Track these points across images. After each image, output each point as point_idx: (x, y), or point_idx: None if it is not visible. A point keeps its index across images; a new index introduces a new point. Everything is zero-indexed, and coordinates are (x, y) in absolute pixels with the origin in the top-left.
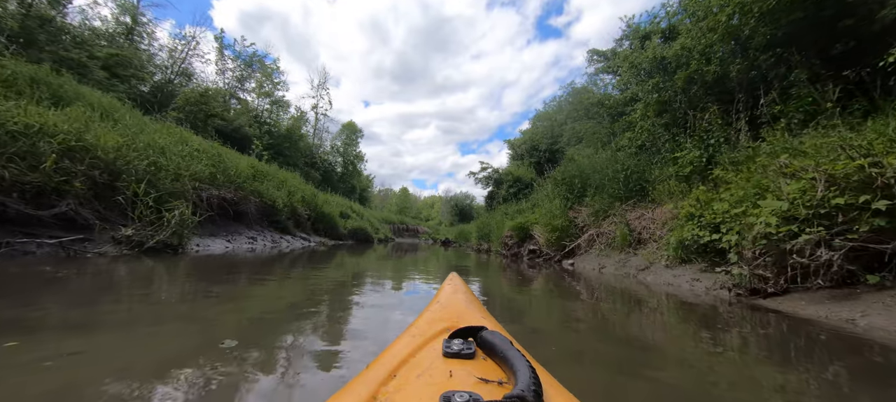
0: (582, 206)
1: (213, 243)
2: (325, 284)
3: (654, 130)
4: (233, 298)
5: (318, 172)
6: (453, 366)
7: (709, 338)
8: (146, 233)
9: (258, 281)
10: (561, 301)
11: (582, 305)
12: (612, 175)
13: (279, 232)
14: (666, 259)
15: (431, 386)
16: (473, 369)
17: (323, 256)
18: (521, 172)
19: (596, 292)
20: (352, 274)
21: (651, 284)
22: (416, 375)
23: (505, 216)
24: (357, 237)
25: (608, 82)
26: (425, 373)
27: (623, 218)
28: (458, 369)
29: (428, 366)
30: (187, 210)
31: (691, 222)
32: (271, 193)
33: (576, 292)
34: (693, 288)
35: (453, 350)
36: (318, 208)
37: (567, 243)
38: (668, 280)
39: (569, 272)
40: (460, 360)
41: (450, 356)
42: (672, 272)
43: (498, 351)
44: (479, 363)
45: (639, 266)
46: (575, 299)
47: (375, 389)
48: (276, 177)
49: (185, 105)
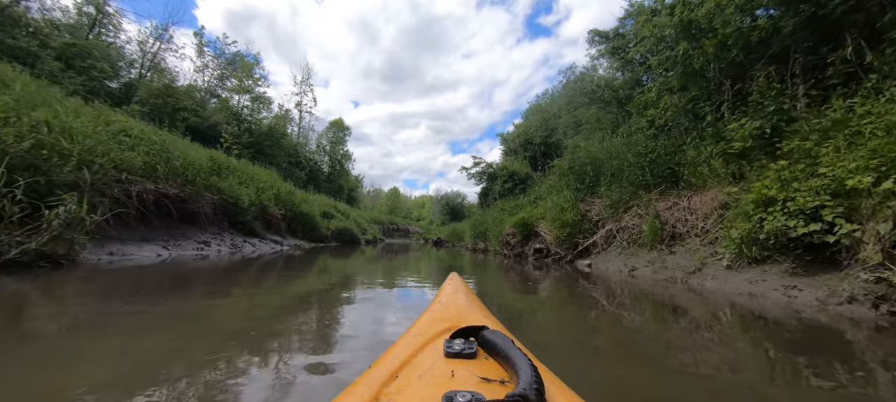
0: (595, 197)
1: (141, 251)
2: (279, 300)
3: (681, 106)
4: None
5: (304, 172)
6: (455, 366)
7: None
8: (10, 239)
9: (180, 302)
10: (590, 318)
11: (624, 325)
12: (633, 160)
13: (244, 235)
14: (727, 258)
15: (433, 386)
16: (475, 368)
17: (295, 261)
18: (516, 167)
19: (635, 304)
20: (324, 285)
21: (710, 292)
22: (418, 375)
23: (502, 213)
24: (342, 239)
25: (610, 66)
26: (427, 373)
27: (650, 209)
28: (460, 369)
29: (430, 366)
30: (81, 207)
31: (772, 209)
32: (234, 189)
33: (604, 305)
34: (791, 300)
35: (455, 350)
36: (296, 207)
37: (580, 240)
38: (740, 288)
39: (585, 275)
40: (462, 360)
41: (451, 356)
42: (743, 277)
43: (499, 350)
44: (481, 363)
45: (685, 268)
46: (610, 317)
47: (378, 389)
48: (245, 172)
49: (149, 98)
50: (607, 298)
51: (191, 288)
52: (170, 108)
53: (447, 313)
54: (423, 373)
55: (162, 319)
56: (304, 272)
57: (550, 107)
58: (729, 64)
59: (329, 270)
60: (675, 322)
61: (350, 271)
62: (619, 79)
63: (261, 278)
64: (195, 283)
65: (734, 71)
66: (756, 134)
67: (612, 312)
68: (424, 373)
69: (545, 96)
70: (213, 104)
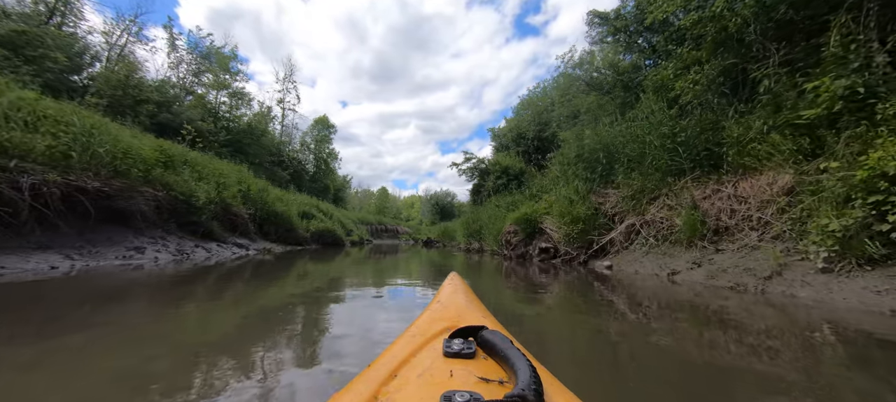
0: (609, 188)
1: (27, 263)
2: (217, 328)
3: (712, 77)
4: None
5: (288, 171)
6: (454, 366)
7: None
8: None
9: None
10: (639, 348)
11: (705, 373)
12: (658, 143)
13: (198, 238)
14: (821, 259)
15: (432, 386)
16: (474, 368)
17: (260, 269)
18: (509, 162)
19: (700, 326)
20: (284, 300)
21: (807, 306)
22: (417, 375)
23: (498, 209)
24: (323, 240)
25: (613, 49)
26: (426, 373)
27: (684, 199)
28: (459, 368)
29: (428, 366)
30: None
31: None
32: (188, 185)
33: (650, 325)
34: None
35: (454, 350)
36: (268, 206)
37: (595, 237)
38: (861, 300)
39: (604, 279)
40: (461, 360)
41: (450, 355)
42: (858, 284)
43: (498, 350)
44: (480, 363)
45: (754, 271)
46: (671, 352)
47: (376, 389)
48: (207, 166)
49: (107, 90)
50: (646, 313)
51: (82, 312)
52: (131, 100)
53: (446, 313)
54: (422, 372)
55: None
56: (265, 283)
57: (543, 100)
58: (775, 23)
59: (299, 278)
60: (788, 360)
61: (322, 282)
62: (625, 61)
63: (194, 293)
64: (100, 302)
65: (780, 32)
66: (846, 94)
67: (667, 342)
68: (423, 372)
69: (537, 90)
70: (189, 101)
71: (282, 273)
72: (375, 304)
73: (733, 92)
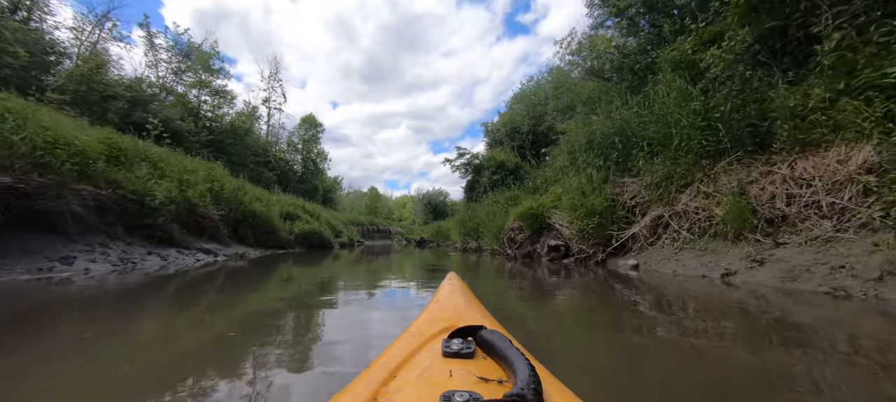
0: (626, 177)
1: None
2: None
3: (749, 44)
4: None
5: (274, 172)
6: (453, 366)
7: None
8: None
9: None
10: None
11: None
12: (688, 121)
13: (154, 244)
14: None
15: (431, 386)
16: (473, 368)
17: (222, 279)
18: (504, 157)
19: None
20: (210, 338)
21: None
22: (416, 375)
23: (496, 205)
24: (309, 243)
25: (618, 31)
26: (425, 373)
27: (726, 184)
28: (458, 368)
29: (427, 366)
30: None
31: None
32: (141, 183)
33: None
34: None
35: (453, 350)
36: (244, 206)
37: (614, 232)
38: None
39: (628, 281)
40: (460, 359)
41: (449, 355)
42: None
43: (497, 350)
44: (479, 363)
45: (857, 271)
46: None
47: (376, 389)
48: (171, 163)
49: (70, 85)
50: (715, 331)
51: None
52: (97, 95)
53: (445, 313)
54: (421, 373)
55: None
56: (225, 298)
57: (537, 94)
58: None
59: (270, 288)
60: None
61: (296, 293)
62: (630, 43)
63: (122, 315)
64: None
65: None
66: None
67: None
68: (422, 373)
69: (530, 84)
70: (168, 101)
71: (251, 283)
72: (362, 324)
73: (774, 59)
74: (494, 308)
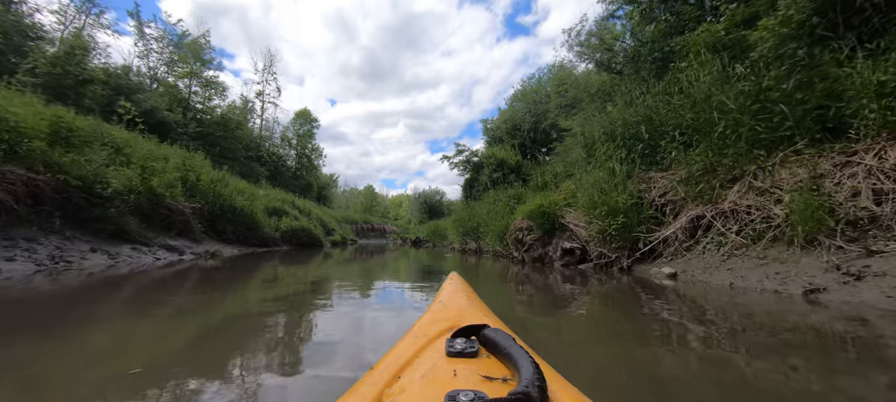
0: (653, 170)
1: None
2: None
3: (802, 20)
4: None
5: (267, 167)
6: (457, 365)
7: None
8: None
9: None
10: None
11: None
12: (736, 106)
13: (104, 240)
14: None
15: (436, 386)
16: (477, 367)
17: (177, 284)
18: (505, 155)
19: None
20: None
21: None
22: (421, 375)
23: (497, 204)
24: (297, 241)
25: (632, 20)
26: (429, 373)
27: (784, 178)
28: (462, 367)
29: (431, 366)
30: None
31: None
32: (90, 168)
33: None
34: None
35: (456, 349)
36: (224, 199)
37: (641, 234)
38: None
39: (666, 294)
40: (464, 359)
41: (453, 355)
42: None
43: (501, 348)
44: (483, 361)
45: None
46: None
47: (380, 390)
48: (138, 149)
49: (42, 68)
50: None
51: None
52: (72, 79)
53: (448, 313)
54: (426, 373)
55: None
56: (166, 314)
57: (538, 90)
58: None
59: (229, 298)
60: None
61: (260, 304)
62: (649, 31)
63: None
64: None
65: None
66: None
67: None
68: (426, 373)
69: (531, 81)
70: (154, 89)
71: (212, 289)
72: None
73: (834, 31)
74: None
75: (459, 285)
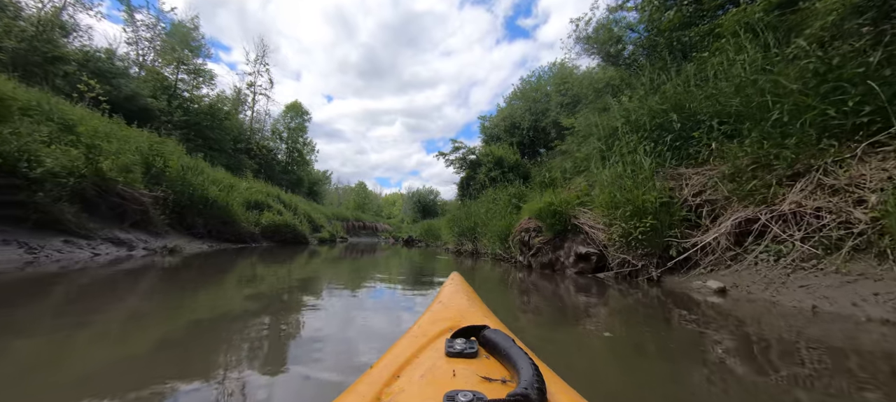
0: (683, 166)
1: None
2: None
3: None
4: None
5: (256, 161)
6: (456, 365)
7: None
8: None
9: None
10: None
11: None
12: (800, 87)
13: (24, 230)
14: None
15: (435, 386)
16: (477, 368)
17: (98, 288)
18: (503, 153)
19: None
20: None
21: None
22: (420, 375)
23: (496, 204)
24: (279, 237)
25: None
26: (428, 373)
27: (864, 174)
28: (462, 368)
29: (431, 366)
30: None
31: None
32: (16, 145)
33: None
34: None
35: (456, 350)
36: (194, 189)
37: (675, 239)
38: None
39: (721, 318)
40: (463, 359)
41: (452, 355)
42: None
43: (501, 349)
44: (483, 362)
45: None
46: None
47: (379, 390)
48: (90, 125)
49: (8, 42)
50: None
51: None
52: (41, 56)
53: (448, 313)
54: (425, 373)
55: None
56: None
57: (539, 87)
58: None
59: (160, 314)
60: None
61: (183, 339)
62: (668, 17)
63: None
64: None
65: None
66: None
67: None
68: (426, 373)
69: (531, 79)
70: (138, 75)
71: (144, 298)
72: None
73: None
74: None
75: (460, 286)
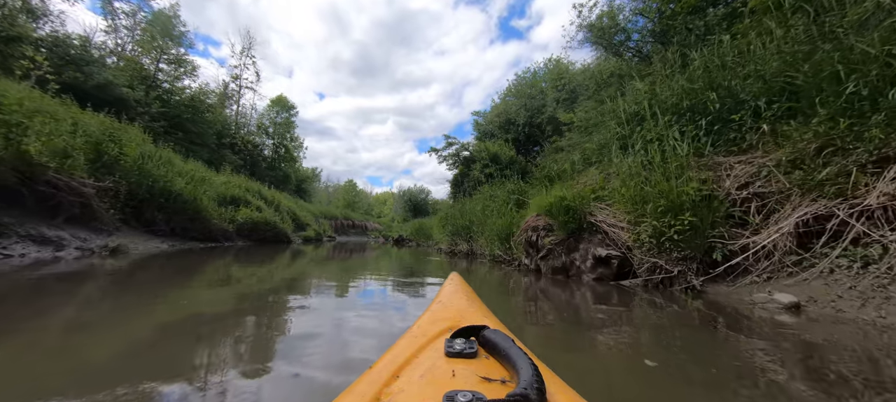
0: (722, 154)
1: None
2: None
3: None
4: None
5: (241, 156)
6: (456, 366)
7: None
8: None
9: None
10: None
11: None
12: (879, 49)
13: None
14: None
15: (434, 386)
16: (476, 368)
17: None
18: (498, 149)
19: None
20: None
21: None
22: (419, 375)
23: (494, 200)
24: (258, 236)
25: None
26: (428, 373)
27: None
28: (461, 368)
29: (430, 366)
30: None
31: None
32: None
33: None
34: None
35: (455, 350)
36: (155, 181)
37: (719, 242)
38: None
39: (808, 352)
40: (463, 359)
41: (452, 355)
42: None
43: (500, 350)
44: (482, 362)
45: None
46: None
47: (379, 389)
48: (30, 106)
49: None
50: None
51: None
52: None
53: (447, 313)
54: (424, 373)
55: None
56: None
57: (535, 83)
58: None
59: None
60: None
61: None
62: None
63: None
64: None
65: None
66: None
67: None
68: (425, 373)
69: (526, 75)
70: (114, 63)
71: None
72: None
73: None
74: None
75: (460, 286)
